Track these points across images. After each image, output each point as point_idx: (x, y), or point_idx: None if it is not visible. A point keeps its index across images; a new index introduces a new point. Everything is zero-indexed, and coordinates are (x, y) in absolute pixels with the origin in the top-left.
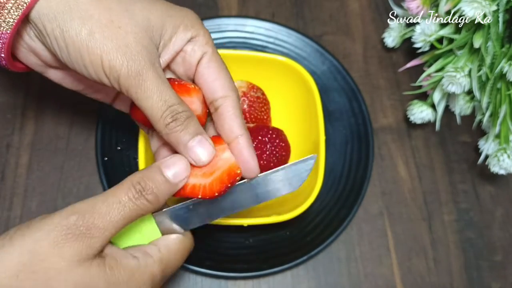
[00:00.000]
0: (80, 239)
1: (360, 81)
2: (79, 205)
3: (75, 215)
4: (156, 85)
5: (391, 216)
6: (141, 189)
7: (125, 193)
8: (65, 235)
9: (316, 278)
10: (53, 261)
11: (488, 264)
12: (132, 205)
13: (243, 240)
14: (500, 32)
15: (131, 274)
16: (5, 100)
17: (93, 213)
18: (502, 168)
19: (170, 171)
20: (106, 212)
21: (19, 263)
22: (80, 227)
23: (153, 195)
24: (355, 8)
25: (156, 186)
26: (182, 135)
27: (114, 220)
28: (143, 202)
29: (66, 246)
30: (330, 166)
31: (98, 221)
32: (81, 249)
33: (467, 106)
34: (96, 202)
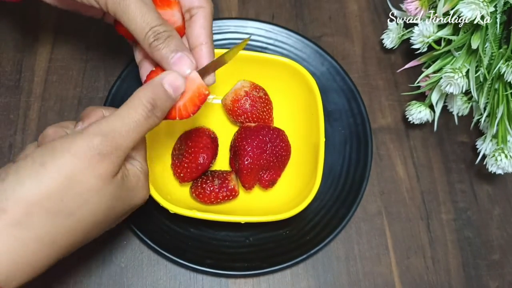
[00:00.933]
0: (108, 158)
1: (359, 81)
2: (98, 126)
3: (99, 137)
4: (139, 8)
5: (389, 216)
6: (152, 108)
7: (140, 113)
8: (95, 155)
9: (315, 277)
10: (91, 182)
11: (486, 263)
12: (146, 123)
13: (243, 239)
14: (498, 33)
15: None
16: (8, 100)
17: (115, 133)
18: (500, 168)
19: (171, 87)
20: (127, 132)
21: (60, 187)
22: (107, 147)
23: (161, 111)
24: (354, 10)
25: (162, 103)
26: (164, 52)
27: (134, 139)
28: (154, 119)
29: (99, 166)
30: (329, 165)
31: (121, 141)
32: (112, 167)
33: (465, 107)
34: (114, 123)
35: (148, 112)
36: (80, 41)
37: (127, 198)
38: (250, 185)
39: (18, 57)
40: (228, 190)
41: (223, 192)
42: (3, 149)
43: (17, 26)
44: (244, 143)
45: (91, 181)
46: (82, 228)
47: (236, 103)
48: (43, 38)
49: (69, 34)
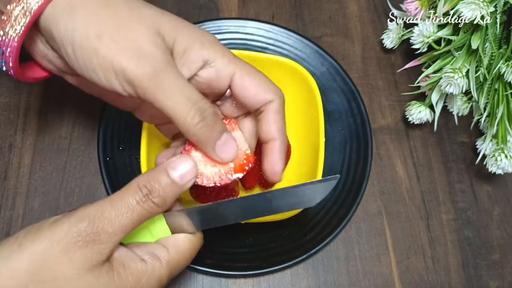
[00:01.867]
0: (90, 245)
1: (359, 82)
2: (87, 210)
3: (85, 222)
4: (176, 83)
5: (389, 215)
6: (148, 193)
7: (132, 196)
8: (75, 242)
9: (315, 277)
10: (63, 270)
11: (486, 263)
12: (140, 208)
13: (243, 239)
14: (498, 33)
15: (138, 280)
16: (8, 100)
17: (103, 218)
18: (500, 168)
19: (177, 173)
20: (115, 217)
21: (28, 272)
22: (90, 234)
23: (159, 198)
24: (354, 10)
25: (162, 189)
26: (210, 135)
27: (123, 225)
28: (150, 205)
29: (76, 254)
30: (329, 166)
31: (108, 227)
32: (91, 256)
33: (465, 107)
34: (104, 206)
35: (142, 196)
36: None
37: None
38: (250, 185)
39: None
40: (228, 190)
41: (223, 192)
42: (3, 149)
43: None
44: None
45: (65, 269)
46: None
47: None
48: None
49: None
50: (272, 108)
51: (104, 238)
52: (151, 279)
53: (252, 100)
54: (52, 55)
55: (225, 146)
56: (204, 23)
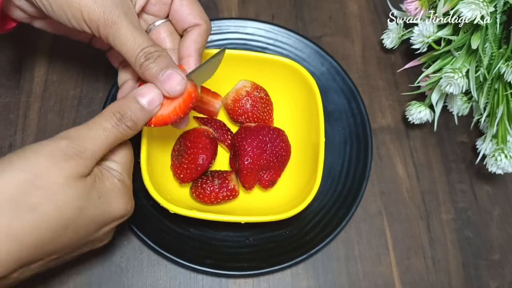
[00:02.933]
0: (75, 159)
1: (359, 82)
2: (66, 132)
3: (66, 140)
4: (130, 31)
5: (389, 216)
6: (121, 117)
7: (107, 120)
8: (62, 155)
9: (315, 277)
10: (55, 177)
11: (486, 263)
12: (115, 131)
13: (243, 239)
14: (498, 33)
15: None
16: (8, 100)
17: (82, 138)
18: (500, 168)
19: (145, 99)
20: (93, 137)
21: (23, 181)
22: (73, 149)
23: (131, 121)
24: (354, 10)
25: (133, 113)
26: (154, 71)
27: (101, 145)
28: (124, 127)
29: (64, 165)
30: (329, 166)
31: (88, 145)
32: (77, 167)
33: (465, 107)
34: (81, 129)
35: (116, 120)
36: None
37: (100, 202)
38: (250, 185)
39: (18, 57)
40: (228, 190)
41: (223, 192)
42: (3, 149)
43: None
44: (244, 143)
45: (55, 177)
46: (47, 225)
47: (237, 103)
48: (43, 38)
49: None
50: (198, 30)
51: (87, 154)
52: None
53: (183, 17)
54: (26, 5)
55: (168, 79)
56: None
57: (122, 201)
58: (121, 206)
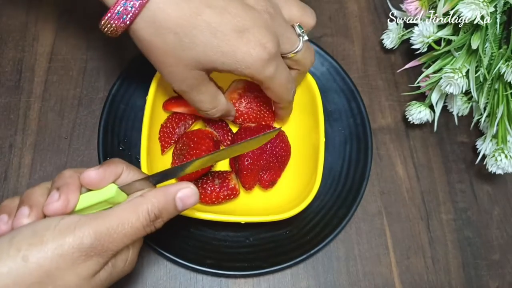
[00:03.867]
0: (94, 258)
1: (359, 82)
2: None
3: (90, 239)
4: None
5: (389, 216)
6: (155, 219)
7: (141, 222)
8: (81, 256)
9: (315, 277)
10: (69, 280)
11: (486, 263)
12: (143, 231)
13: (243, 239)
14: (498, 33)
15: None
16: (8, 101)
17: (109, 237)
18: (500, 168)
19: (182, 203)
20: (120, 238)
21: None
22: (95, 250)
23: (161, 222)
24: (354, 10)
25: (166, 215)
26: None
27: (124, 244)
28: (151, 228)
29: (81, 266)
30: (329, 166)
31: (112, 246)
32: (94, 267)
33: (465, 107)
34: (112, 224)
35: (149, 222)
36: (80, 41)
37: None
38: (250, 186)
39: (18, 57)
40: (229, 190)
41: (223, 191)
42: (3, 149)
43: (17, 26)
44: None
45: (71, 279)
46: None
47: None
48: (43, 38)
49: (70, 35)
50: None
51: (108, 254)
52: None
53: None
54: None
55: None
56: None
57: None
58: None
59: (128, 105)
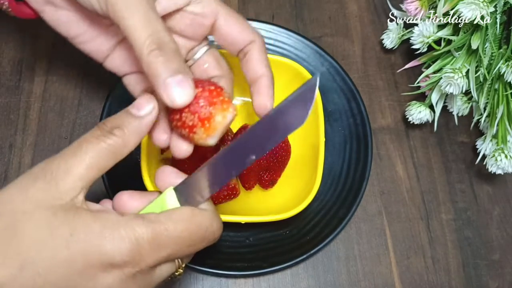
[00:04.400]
0: (48, 182)
1: (359, 82)
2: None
3: (42, 163)
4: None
5: (389, 216)
6: (105, 126)
7: (91, 133)
8: (32, 179)
9: (315, 277)
10: (18, 204)
11: (486, 263)
12: (100, 142)
13: (243, 239)
14: (498, 33)
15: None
16: (8, 101)
17: (62, 157)
18: (500, 168)
19: (134, 108)
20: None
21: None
22: (47, 171)
23: (118, 129)
24: (354, 10)
25: (121, 121)
26: (163, 68)
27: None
28: (109, 137)
29: (32, 189)
30: (329, 166)
31: (68, 165)
32: (51, 193)
33: (465, 107)
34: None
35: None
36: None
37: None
38: (250, 185)
39: (18, 57)
40: (229, 189)
41: (223, 191)
42: (3, 149)
43: (17, 26)
44: None
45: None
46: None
47: None
48: (43, 38)
49: None
50: (256, 47)
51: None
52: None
53: (236, 38)
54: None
55: (178, 86)
56: None
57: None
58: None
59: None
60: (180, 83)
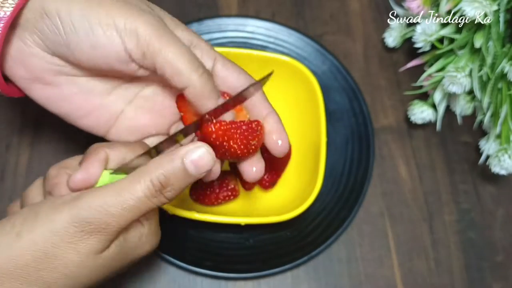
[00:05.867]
0: (94, 235)
1: (360, 81)
2: (89, 199)
3: (85, 214)
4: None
5: (391, 217)
6: (161, 188)
7: (143, 190)
8: (77, 232)
9: (316, 279)
10: (69, 258)
11: (489, 264)
12: (149, 202)
13: (243, 241)
14: (501, 32)
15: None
16: (5, 100)
17: (105, 212)
18: (503, 168)
19: (193, 166)
20: (119, 212)
21: (33, 260)
22: (93, 226)
23: (172, 192)
24: (356, 8)
25: (177, 182)
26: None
27: (128, 219)
28: (162, 199)
29: (81, 243)
30: (330, 166)
31: (111, 221)
32: (97, 245)
33: (468, 106)
34: (108, 198)
35: (154, 192)
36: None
37: (126, 259)
38: (250, 186)
39: None
40: (229, 190)
41: (223, 192)
42: (0, 149)
43: None
44: None
45: (70, 257)
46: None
47: None
48: None
49: None
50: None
51: (108, 230)
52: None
53: (234, 83)
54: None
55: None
56: (203, 21)
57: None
58: (148, 248)
59: None
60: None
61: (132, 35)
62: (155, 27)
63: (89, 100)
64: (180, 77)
